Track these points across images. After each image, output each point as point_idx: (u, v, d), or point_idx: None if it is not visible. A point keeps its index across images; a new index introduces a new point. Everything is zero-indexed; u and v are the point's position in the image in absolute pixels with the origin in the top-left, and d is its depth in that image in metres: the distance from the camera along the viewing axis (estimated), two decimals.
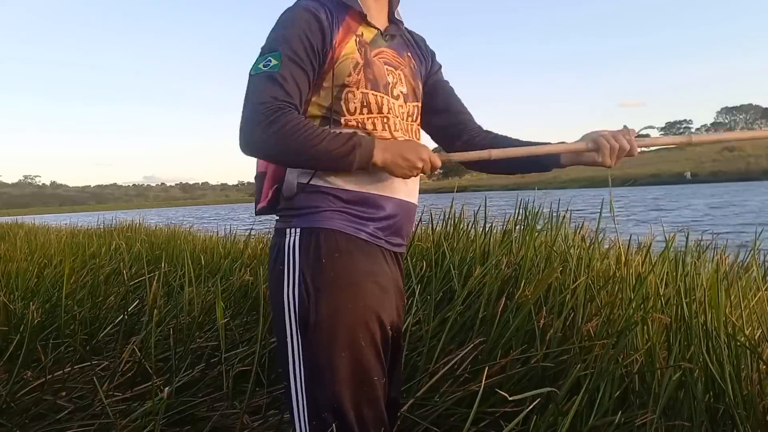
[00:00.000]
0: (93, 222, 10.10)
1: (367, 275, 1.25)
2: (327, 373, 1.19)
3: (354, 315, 1.21)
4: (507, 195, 8.51)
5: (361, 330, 1.22)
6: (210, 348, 2.50)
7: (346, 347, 1.20)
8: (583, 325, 2.09)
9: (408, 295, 2.40)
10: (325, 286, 1.21)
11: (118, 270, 3.73)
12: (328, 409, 1.19)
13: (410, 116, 1.38)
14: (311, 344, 1.21)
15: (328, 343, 1.19)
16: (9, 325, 2.47)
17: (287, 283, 1.23)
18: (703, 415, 1.68)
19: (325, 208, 1.25)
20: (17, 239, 6.12)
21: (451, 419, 1.91)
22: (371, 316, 1.23)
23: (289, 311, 1.22)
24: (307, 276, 1.21)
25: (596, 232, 2.67)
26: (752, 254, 3.15)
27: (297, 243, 1.24)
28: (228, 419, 2.07)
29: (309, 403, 1.21)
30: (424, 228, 3.23)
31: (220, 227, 7.34)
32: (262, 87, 1.18)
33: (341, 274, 1.22)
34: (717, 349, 1.76)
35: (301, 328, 1.21)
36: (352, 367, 1.20)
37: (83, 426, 1.91)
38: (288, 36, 1.22)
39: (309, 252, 1.23)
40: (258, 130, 1.15)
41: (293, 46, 1.20)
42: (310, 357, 1.21)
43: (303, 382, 1.22)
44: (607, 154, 1.27)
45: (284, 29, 1.23)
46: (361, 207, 1.27)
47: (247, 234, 5.14)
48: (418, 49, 1.48)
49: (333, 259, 1.22)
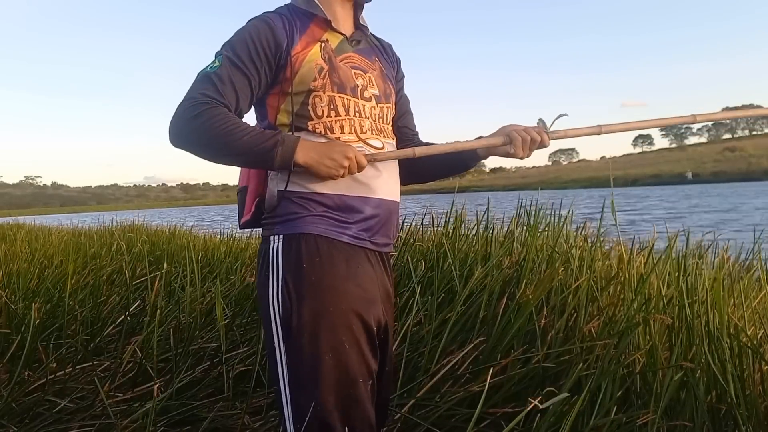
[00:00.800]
0: (94, 223, 10.12)
1: (348, 278, 1.27)
2: (311, 377, 1.21)
3: (335, 317, 1.23)
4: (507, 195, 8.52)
5: (344, 332, 1.23)
6: (211, 348, 2.50)
7: (329, 350, 1.21)
8: (584, 325, 2.08)
9: (408, 295, 2.40)
10: (306, 290, 1.23)
11: (120, 270, 3.73)
12: (313, 414, 1.20)
13: (382, 117, 1.42)
14: (295, 349, 1.23)
15: (311, 346, 1.21)
16: (10, 325, 2.47)
17: (271, 289, 1.26)
18: (705, 415, 1.68)
19: (305, 214, 1.29)
20: (18, 239, 6.13)
21: (452, 420, 1.91)
22: (354, 318, 1.25)
23: (274, 317, 1.25)
24: (289, 281, 1.24)
25: (598, 232, 2.66)
26: (757, 253, 3.14)
27: (280, 249, 1.27)
28: (229, 420, 2.07)
29: (294, 407, 1.23)
30: (424, 228, 3.23)
31: (220, 227, 7.34)
32: (196, 85, 1.23)
33: (322, 278, 1.24)
34: (719, 348, 1.76)
35: (284, 333, 1.24)
36: (336, 370, 1.22)
37: (84, 426, 1.91)
38: (234, 41, 1.28)
39: (291, 258, 1.26)
40: (181, 122, 1.20)
41: (237, 51, 1.26)
42: (295, 361, 1.23)
43: (288, 387, 1.24)
44: (519, 146, 1.36)
45: (235, 36, 1.29)
46: (340, 210, 1.30)
47: (248, 234, 5.14)
48: (386, 54, 1.53)
49: (314, 264, 1.25)
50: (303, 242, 1.26)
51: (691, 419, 1.69)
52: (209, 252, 4.83)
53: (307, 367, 1.22)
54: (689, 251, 2.46)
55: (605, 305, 2.20)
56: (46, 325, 2.58)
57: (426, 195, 13.35)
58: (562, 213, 2.92)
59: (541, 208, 2.88)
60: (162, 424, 1.97)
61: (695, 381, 1.72)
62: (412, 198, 8.21)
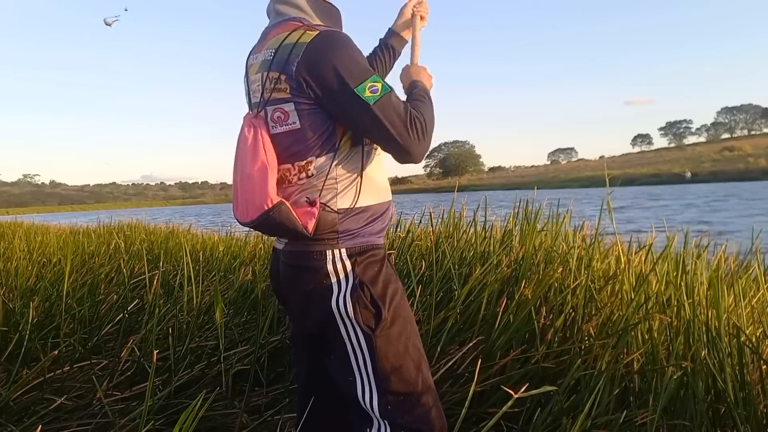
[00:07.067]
0: (92, 221, 10.09)
1: (395, 275, 1.41)
2: (407, 361, 1.33)
3: (407, 311, 1.39)
4: (507, 194, 8.51)
5: (413, 322, 1.40)
6: (209, 347, 2.50)
7: (411, 335, 1.36)
8: (583, 324, 2.08)
9: (408, 295, 2.39)
10: (384, 291, 1.34)
11: (118, 269, 3.73)
12: (410, 393, 1.33)
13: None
14: (386, 342, 1.31)
15: (401, 337, 1.33)
16: (8, 323, 2.46)
17: (343, 297, 1.32)
18: (704, 415, 1.68)
19: (358, 227, 1.35)
20: (16, 238, 6.11)
21: (451, 419, 1.90)
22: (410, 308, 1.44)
23: (350, 321, 1.32)
24: (368, 286, 1.32)
25: (596, 232, 2.66)
26: (757, 253, 3.14)
27: (346, 260, 1.33)
28: (227, 418, 2.06)
29: (382, 397, 1.33)
30: (424, 228, 3.23)
31: (219, 226, 7.33)
32: (392, 115, 1.25)
33: (389, 280, 1.36)
34: (717, 345, 1.76)
35: (366, 333, 1.31)
36: (419, 351, 1.37)
37: (82, 425, 1.91)
38: (356, 64, 1.28)
39: (360, 267, 1.33)
40: (416, 143, 1.27)
41: (366, 66, 1.29)
42: (386, 354, 1.31)
43: (375, 379, 1.32)
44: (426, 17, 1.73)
45: (349, 59, 1.27)
46: (377, 217, 1.39)
47: (246, 233, 5.14)
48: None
49: (381, 268, 1.36)
50: (365, 251, 1.34)
51: (690, 419, 1.69)
52: (208, 250, 4.83)
53: (401, 353, 1.32)
54: (688, 251, 2.46)
55: (604, 305, 2.20)
56: (44, 323, 2.57)
57: (426, 195, 13.34)
58: (561, 212, 2.92)
59: (539, 208, 2.88)
60: (160, 422, 1.97)
61: (694, 380, 1.72)
62: (412, 197, 8.19)
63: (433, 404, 1.34)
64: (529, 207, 2.94)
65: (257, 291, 2.89)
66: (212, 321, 2.70)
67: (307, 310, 1.38)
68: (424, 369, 1.36)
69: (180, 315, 2.62)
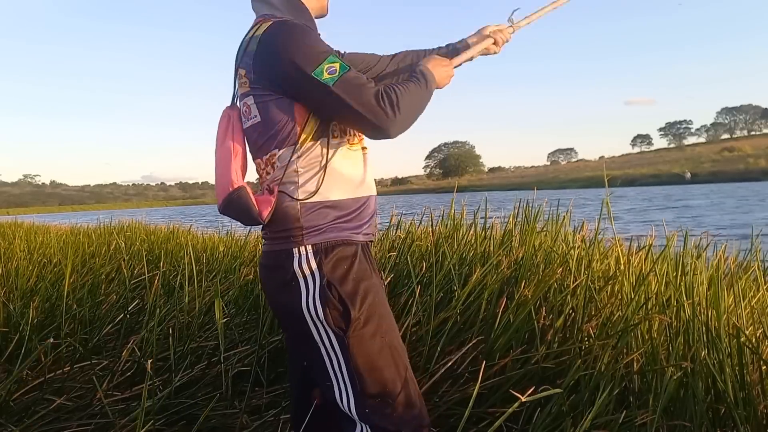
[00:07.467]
0: (92, 221, 10.09)
1: (372, 272, 1.37)
2: (383, 359, 1.30)
3: (383, 307, 1.35)
4: (507, 195, 8.51)
5: (389, 317, 1.37)
6: (209, 347, 2.50)
7: (387, 332, 1.33)
8: (583, 325, 2.09)
9: (408, 295, 2.39)
10: (355, 289, 1.31)
11: (118, 269, 3.73)
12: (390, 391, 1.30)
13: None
14: (358, 341, 1.28)
15: (374, 335, 1.30)
16: (8, 324, 2.46)
17: (311, 296, 1.29)
18: (704, 415, 1.68)
19: (326, 222, 1.32)
20: (17, 238, 6.11)
21: (451, 420, 1.91)
22: (387, 303, 1.41)
23: (320, 320, 1.29)
24: (335, 285, 1.29)
25: (596, 232, 2.67)
26: (756, 253, 3.14)
27: (312, 259, 1.30)
28: (227, 419, 2.07)
29: (359, 396, 1.30)
30: (424, 228, 3.23)
31: (218, 226, 7.33)
32: (356, 94, 1.23)
33: (362, 276, 1.32)
34: (717, 346, 1.76)
35: (337, 332, 1.28)
36: (399, 348, 1.35)
37: (82, 425, 1.91)
38: (312, 48, 1.27)
39: (329, 264, 1.30)
40: (385, 116, 1.24)
41: (324, 49, 1.27)
42: (360, 352, 1.28)
43: (350, 379, 1.29)
44: (500, 44, 1.70)
45: (303, 46, 1.27)
46: (354, 212, 1.36)
47: (247, 232, 5.14)
48: None
49: (351, 265, 1.32)
50: (333, 248, 1.31)
51: (690, 419, 1.69)
52: (208, 250, 4.83)
53: (375, 353, 1.29)
54: (687, 251, 2.46)
55: (603, 305, 2.20)
56: (45, 323, 2.57)
57: (426, 195, 13.35)
58: (561, 212, 2.93)
59: (539, 208, 2.88)
60: (160, 422, 1.97)
61: (694, 381, 1.72)
62: (412, 197, 8.20)
63: (413, 403, 1.31)
64: (529, 207, 2.94)
65: (257, 291, 2.89)
66: (213, 321, 2.70)
67: (284, 312, 1.37)
68: (402, 367, 1.32)
69: (180, 315, 2.62)
